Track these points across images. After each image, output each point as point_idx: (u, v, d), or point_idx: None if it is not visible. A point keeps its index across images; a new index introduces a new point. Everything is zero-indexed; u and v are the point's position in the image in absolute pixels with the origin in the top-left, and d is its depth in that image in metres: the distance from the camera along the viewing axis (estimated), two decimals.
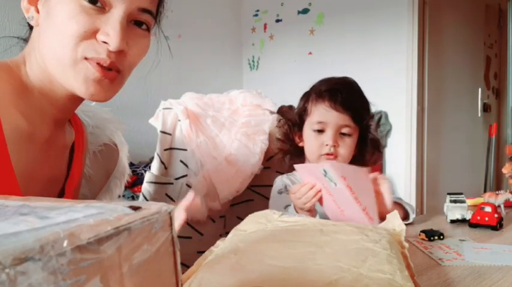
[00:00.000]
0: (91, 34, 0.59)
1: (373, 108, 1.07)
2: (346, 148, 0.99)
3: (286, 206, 1.00)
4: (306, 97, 1.05)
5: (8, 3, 2.15)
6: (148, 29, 0.66)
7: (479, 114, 3.37)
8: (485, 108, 3.47)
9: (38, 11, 0.62)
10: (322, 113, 0.98)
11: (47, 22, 0.60)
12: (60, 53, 0.60)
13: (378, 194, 0.85)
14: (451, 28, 2.95)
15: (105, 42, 0.59)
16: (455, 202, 1.01)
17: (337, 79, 1.05)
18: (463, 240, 0.82)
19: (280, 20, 3.28)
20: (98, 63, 0.60)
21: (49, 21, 0.60)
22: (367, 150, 1.05)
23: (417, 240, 0.82)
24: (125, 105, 2.46)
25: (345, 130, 0.99)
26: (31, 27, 0.66)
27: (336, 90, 0.99)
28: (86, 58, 0.60)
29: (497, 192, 1.14)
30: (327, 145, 0.98)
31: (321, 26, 3.05)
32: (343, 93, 0.98)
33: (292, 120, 1.06)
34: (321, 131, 0.99)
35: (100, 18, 0.59)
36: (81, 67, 0.60)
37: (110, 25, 0.59)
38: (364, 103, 1.04)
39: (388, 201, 0.85)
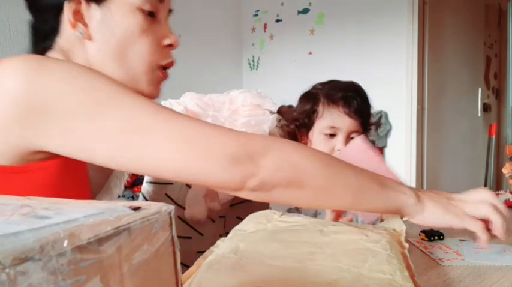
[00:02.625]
0: (158, 44, 0.66)
1: (372, 109, 1.09)
2: None
3: (289, 209, 1.00)
4: (313, 99, 1.04)
5: (8, 2, 2.15)
6: None
7: (479, 114, 3.37)
8: (485, 108, 3.47)
9: (85, 25, 0.65)
10: (335, 119, 1.00)
11: (107, 36, 0.64)
12: (135, 63, 0.65)
13: None
14: (451, 28, 2.95)
15: (169, 46, 0.67)
16: None
17: (346, 84, 1.06)
18: (463, 240, 0.82)
19: (280, 20, 3.28)
20: (163, 66, 0.68)
21: (113, 35, 0.64)
22: None
23: (417, 240, 0.81)
24: None
25: (354, 135, 1.01)
26: (50, 30, 0.67)
27: (350, 97, 1.00)
28: (159, 66, 0.67)
29: (497, 192, 1.14)
30: (338, 150, 0.99)
31: (321, 26, 3.05)
32: (357, 100, 1.00)
33: (299, 120, 1.06)
34: (332, 135, 1.00)
35: (155, 27, 0.67)
36: (155, 74, 0.68)
37: (165, 29, 0.68)
38: (369, 108, 1.06)
39: None
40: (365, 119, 1.02)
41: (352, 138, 1.01)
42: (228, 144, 0.52)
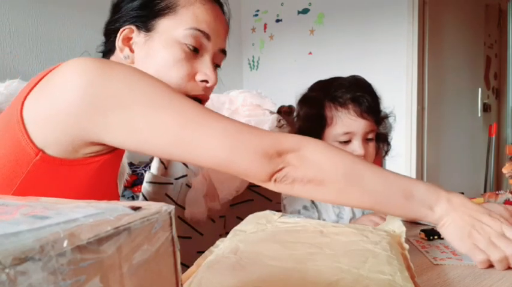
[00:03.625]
0: (191, 76, 0.71)
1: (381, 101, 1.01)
2: (372, 153, 0.94)
3: (304, 207, 0.98)
4: (317, 103, 0.95)
5: (8, 2, 2.15)
6: (219, 66, 0.79)
7: (479, 114, 3.37)
8: (485, 108, 3.47)
9: (132, 51, 0.72)
10: (348, 123, 0.91)
11: (147, 62, 0.70)
12: None
13: None
14: (451, 28, 2.95)
15: (203, 81, 0.72)
16: None
17: (349, 81, 0.97)
18: None
19: (280, 20, 3.28)
20: (194, 97, 0.71)
21: (151, 62, 0.70)
22: (381, 144, 1.01)
23: (417, 239, 0.82)
24: None
25: (370, 135, 0.93)
26: (104, 52, 0.78)
27: (359, 96, 0.92)
28: (188, 95, 0.69)
29: (497, 192, 1.14)
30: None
31: (321, 26, 3.05)
32: (366, 98, 0.92)
33: (305, 130, 0.95)
34: (346, 141, 0.92)
35: (195, 62, 0.72)
36: None
37: (205, 66, 0.73)
38: (378, 100, 0.98)
39: None
40: (378, 115, 0.94)
41: (368, 139, 0.93)
42: (262, 141, 0.59)
